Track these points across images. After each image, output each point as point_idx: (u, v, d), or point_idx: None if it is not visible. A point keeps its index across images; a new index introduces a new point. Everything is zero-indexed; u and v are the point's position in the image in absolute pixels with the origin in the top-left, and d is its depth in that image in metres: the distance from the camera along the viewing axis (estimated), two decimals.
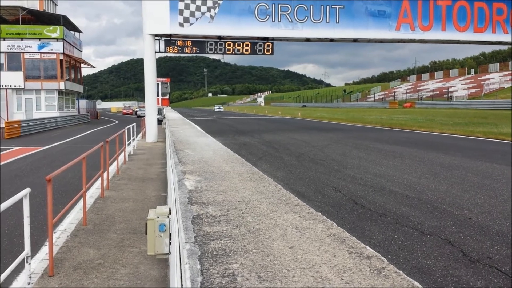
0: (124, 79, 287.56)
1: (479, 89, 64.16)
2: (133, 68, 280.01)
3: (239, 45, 20.08)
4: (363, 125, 27.73)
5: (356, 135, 20.08)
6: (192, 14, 18.78)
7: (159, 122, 23.31)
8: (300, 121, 35.07)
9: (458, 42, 23.22)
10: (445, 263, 3.99)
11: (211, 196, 2.34)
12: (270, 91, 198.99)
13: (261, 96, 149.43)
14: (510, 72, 70.91)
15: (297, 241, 1.58)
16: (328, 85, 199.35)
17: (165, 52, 19.59)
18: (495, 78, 69.70)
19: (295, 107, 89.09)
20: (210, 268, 1.32)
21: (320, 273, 1.27)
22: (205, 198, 2.30)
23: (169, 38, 19.24)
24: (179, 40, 19.43)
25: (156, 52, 19.18)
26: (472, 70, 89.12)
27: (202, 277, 1.26)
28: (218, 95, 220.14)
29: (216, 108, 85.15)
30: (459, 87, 71.92)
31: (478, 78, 75.02)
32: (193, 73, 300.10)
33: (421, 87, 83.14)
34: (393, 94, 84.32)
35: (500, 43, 24.00)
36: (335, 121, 33.42)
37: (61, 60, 35.16)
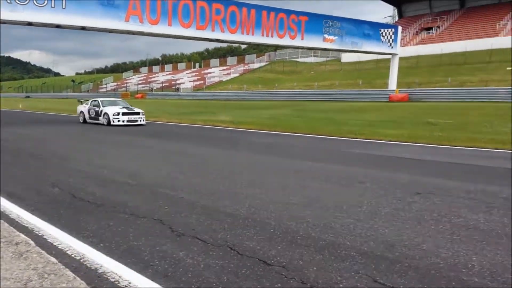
0: None
1: (202, 82, 71.20)
2: None
3: None
4: None
5: (82, 127, 19.33)
6: None
7: None
8: (21, 114, 31.53)
9: (183, 37, 25.19)
10: (154, 242, 4.30)
11: None
12: None
13: None
14: (228, 66, 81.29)
15: None
16: (57, 74, 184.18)
17: None
18: (215, 72, 78.64)
19: (16, 98, 79.27)
20: None
21: None
22: None
23: None
24: None
25: None
26: (197, 64, 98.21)
27: None
28: None
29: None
30: (186, 79, 78.09)
31: (202, 72, 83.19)
32: None
33: (152, 79, 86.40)
34: (125, 85, 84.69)
35: (208, 39, 27.19)
36: (63, 112, 31.47)
37: None
